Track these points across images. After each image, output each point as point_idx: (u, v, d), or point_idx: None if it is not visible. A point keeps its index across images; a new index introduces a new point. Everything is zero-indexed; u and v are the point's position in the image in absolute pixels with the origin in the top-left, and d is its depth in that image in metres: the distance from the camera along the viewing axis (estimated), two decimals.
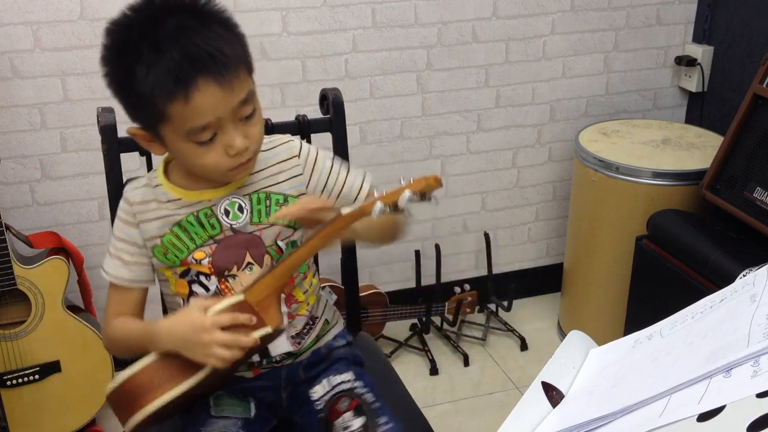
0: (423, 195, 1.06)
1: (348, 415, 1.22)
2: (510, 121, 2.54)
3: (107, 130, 1.37)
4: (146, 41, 1.04)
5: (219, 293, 1.21)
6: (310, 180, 1.26)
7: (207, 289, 1.22)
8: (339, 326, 1.39)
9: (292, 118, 1.50)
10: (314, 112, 1.52)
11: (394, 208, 1.06)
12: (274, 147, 1.26)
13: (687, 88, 2.63)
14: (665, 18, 2.56)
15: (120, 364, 2.08)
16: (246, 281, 1.20)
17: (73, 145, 2.16)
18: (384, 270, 2.60)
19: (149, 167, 1.47)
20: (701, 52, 2.52)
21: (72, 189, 2.21)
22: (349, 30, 2.27)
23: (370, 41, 2.30)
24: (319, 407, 1.26)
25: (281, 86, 2.26)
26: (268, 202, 1.22)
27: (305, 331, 1.30)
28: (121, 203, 1.23)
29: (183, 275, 1.22)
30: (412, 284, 2.60)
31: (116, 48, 1.08)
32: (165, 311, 1.37)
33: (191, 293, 1.23)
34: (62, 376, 2.04)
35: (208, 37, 1.05)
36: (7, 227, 1.93)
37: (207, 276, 1.21)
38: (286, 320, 1.24)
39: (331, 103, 1.49)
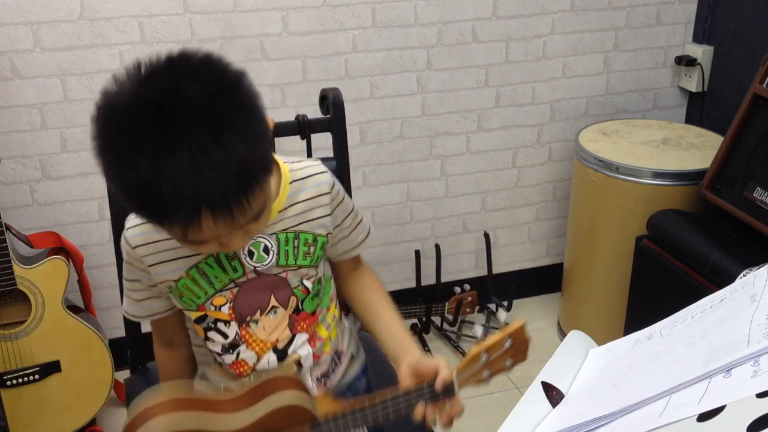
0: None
1: None
2: (510, 121, 2.54)
3: None
4: (150, 142, 0.86)
5: (240, 341, 1.12)
6: (333, 219, 1.15)
7: (225, 336, 1.13)
8: (361, 357, 1.33)
9: (292, 118, 1.50)
10: (314, 112, 1.52)
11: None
12: (305, 178, 1.12)
13: (687, 88, 2.63)
14: (665, 18, 2.56)
15: (120, 364, 2.09)
16: (269, 326, 1.11)
17: (73, 145, 2.16)
18: (384, 270, 2.60)
19: None
20: (701, 52, 2.52)
21: (72, 189, 2.21)
22: (349, 30, 2.27)
23: (370, 41, 2.30)
24: None
25: (281, 86, 2.26)
26: (296, 242, 1.10)
27: (332, 369, 1.24)
28: (122, 242, 1.10)
29: (198, 321, 1.12)
30: (412, 284, 2.60)
31: (115, 129, 0.93)
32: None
33: (207, 339, 1.14)
34: (62, 376, 2.04)
35: (222, 163, 0.86)
36: (7, 227, 1.93)
37: (226, 323, 1.12)
38: (311, 360, 1.18)
39: (331, 103, 1.49)
